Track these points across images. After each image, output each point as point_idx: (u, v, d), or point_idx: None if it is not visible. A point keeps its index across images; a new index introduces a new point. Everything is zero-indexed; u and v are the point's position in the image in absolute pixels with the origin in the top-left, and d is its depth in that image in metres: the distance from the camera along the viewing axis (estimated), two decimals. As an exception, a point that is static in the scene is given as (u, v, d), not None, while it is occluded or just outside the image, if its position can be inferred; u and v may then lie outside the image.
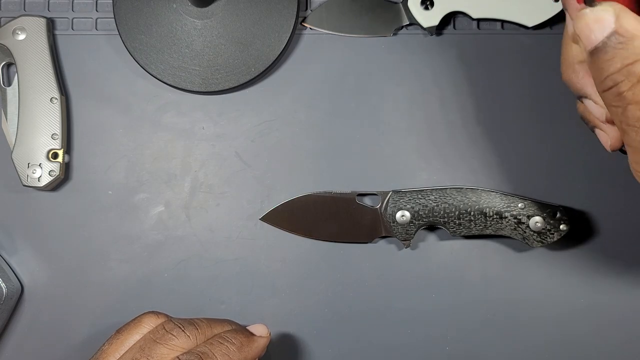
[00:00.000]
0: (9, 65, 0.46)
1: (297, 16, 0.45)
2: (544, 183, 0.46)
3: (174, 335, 0.36)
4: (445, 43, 0.47)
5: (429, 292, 0.45)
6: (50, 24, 0.46)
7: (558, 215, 0.43)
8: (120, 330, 0.38)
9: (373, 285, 0.46)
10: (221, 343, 0.36)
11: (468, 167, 0.46)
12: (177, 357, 0.35)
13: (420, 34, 0.47)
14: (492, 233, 0.44)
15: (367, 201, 0.46)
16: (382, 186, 0.46)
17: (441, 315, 0.45)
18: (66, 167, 0.46)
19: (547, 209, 0.43)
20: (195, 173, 0.46)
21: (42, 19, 0.45)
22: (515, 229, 0.43)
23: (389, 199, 0.44)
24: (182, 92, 0.46)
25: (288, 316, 0.46)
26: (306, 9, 0.47)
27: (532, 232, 0.43)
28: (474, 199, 0.44)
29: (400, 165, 0.46)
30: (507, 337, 0.45)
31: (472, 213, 0.44)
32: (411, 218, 0.44)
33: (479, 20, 0.46)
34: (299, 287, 0.46)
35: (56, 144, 0.45)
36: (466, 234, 0.44)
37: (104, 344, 0.38)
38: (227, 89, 0.45)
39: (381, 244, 0.46)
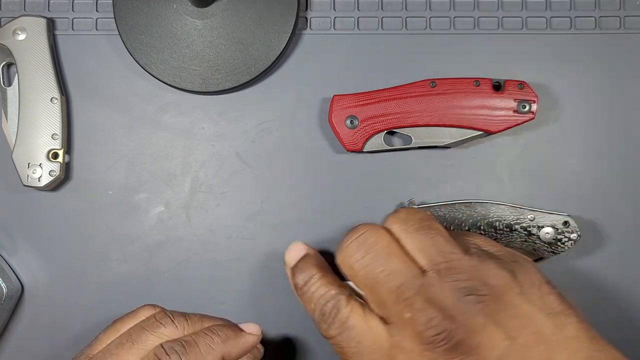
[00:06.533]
0: (9, 65, 0.46)
1: (297, 16, 0.45)
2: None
3: (162, 324, 0.37)
4: (446, 42, 0.47)
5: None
6: (51, 24, 0.46)
7: (568, 224, 0.43)
8: (117, 320, 0.39)
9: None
10: (206, 335, 0.37)
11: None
12: (161, 344, 0.36)
13: (419, 33, 0.47)
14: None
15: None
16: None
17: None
18: (66, 167, 0.46)
19: (557, 219, 0.43)
20: (195, 173, 0.46)
21: (42, 19, 0.45)
22: (525, 240, 0.43)
23: None
24: (182, 92, 0.46)
25: (288, 316, 0.46)
26: (306, 9, 0.47)
27: (543, 243, 0.43)
28: (482, 212, 0.43)
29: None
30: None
31: (481, 227, 0.43)
32: None
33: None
34: (299, 287, 0.46)
35: (56, 144, 0.45)
36: None
37: (100, 332, 0.38)
38: (227, 89, 0.45)
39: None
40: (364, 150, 0.45)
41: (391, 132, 0.46)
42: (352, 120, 0.44)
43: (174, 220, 0.46)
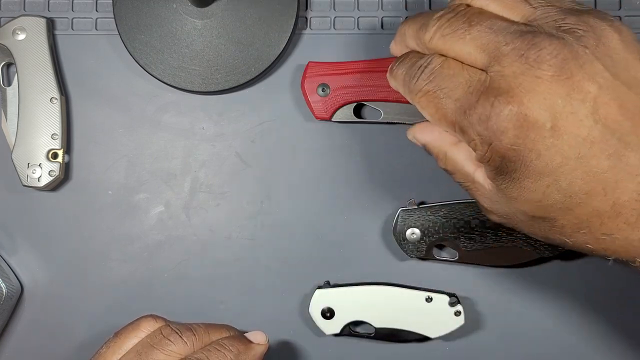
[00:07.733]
0: (9, 65, 0.46)
1: (297, 16, 0.45)
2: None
3: (171, 341, 0.36)
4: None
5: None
6: (50, 24, 0.46)
7: None
8: (118, 333, 0.38)
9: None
10: (218, 350, 0.36)
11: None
12: None
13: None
14: (504, 246, 0.44)
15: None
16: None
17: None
18: (66, 167, 0.46)
19: None
20: (195, 173, 0.46)
21: (42, 19, 0.45)
22: (528, 240, 0.43)
23: (398, 217, 0.44)
24: (182, 92, 0.46)
25: (288, 316, 0.46)
26: (306, 9, 0.47)
27: (545, 243, 0.43)
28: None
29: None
30: (508, 338, 0.46)
31: (487, 226, 0.43)
32: (421, 235, 0.44)
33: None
34: (299, 288, 0.46)
35: (56, 144, 0.45)
36: (478, 248, 0.44)
37: (102, 346, 0.38)
38: (227, 89, 0.45)
39: (383, 249, 0.46)
40: (333, 119, 0.44)
41: (361, 105, 0.45)
42: (323, 88, 0.44)
43: (174, 220, 0.46)
